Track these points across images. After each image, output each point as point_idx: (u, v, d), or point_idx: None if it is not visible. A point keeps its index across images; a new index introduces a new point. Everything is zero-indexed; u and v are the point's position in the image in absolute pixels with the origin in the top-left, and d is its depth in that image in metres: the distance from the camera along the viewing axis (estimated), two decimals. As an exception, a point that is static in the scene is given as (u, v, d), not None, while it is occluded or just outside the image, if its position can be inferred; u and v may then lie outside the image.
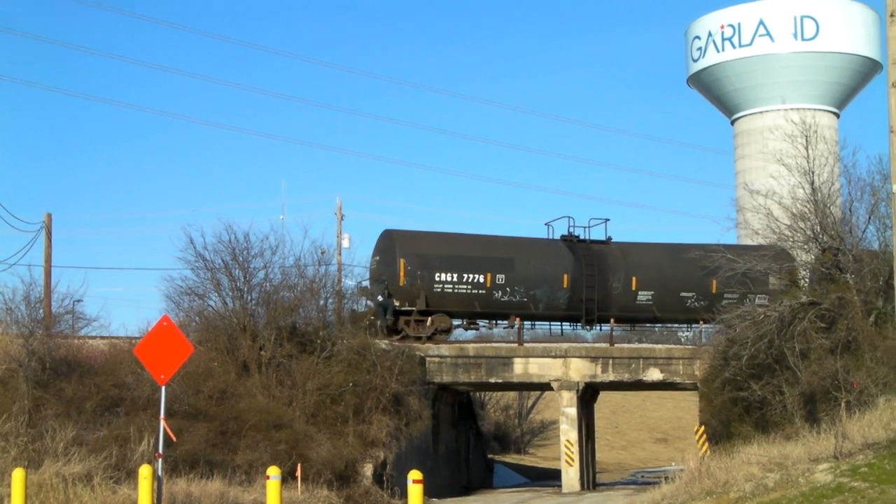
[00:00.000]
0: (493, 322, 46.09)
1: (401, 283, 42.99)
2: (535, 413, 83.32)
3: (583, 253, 45.82)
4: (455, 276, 43.55)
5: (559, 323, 47.22)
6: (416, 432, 39.96)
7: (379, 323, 42.85)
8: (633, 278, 45.92)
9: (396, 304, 42.97)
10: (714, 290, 40.81)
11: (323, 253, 41.91)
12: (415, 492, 20.86)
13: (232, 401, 33.95)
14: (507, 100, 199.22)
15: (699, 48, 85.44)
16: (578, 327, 46.98)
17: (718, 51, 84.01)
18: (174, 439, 22.58)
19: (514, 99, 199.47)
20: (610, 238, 47.11)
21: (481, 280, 43.91)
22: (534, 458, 75.22)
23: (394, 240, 44.20)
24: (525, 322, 45.71)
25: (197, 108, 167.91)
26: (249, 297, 38.46)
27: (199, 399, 32.95)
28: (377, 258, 44.75)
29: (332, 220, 56.40)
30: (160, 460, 20.89)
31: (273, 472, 22.96)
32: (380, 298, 43.04)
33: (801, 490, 20.26)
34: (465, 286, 43.67)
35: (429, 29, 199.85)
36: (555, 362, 44.09)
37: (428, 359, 42.36)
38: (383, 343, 40.11)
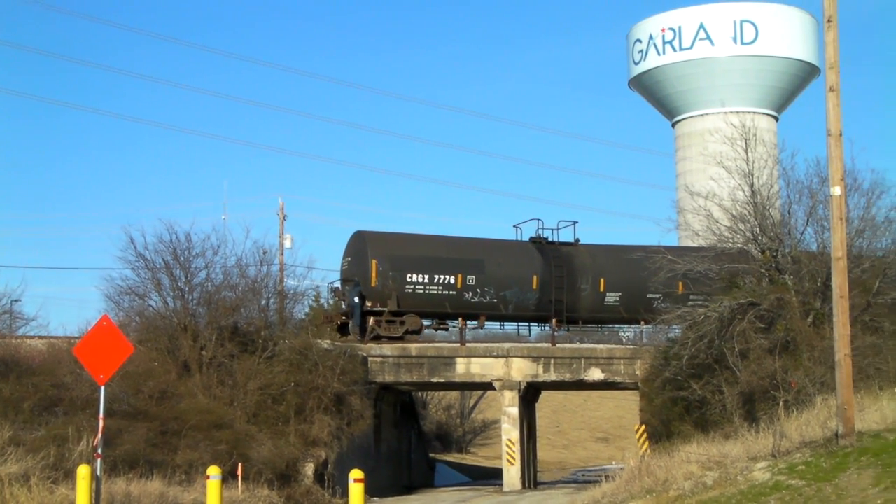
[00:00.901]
0: (464, 323, 46.53)
1: (372, 284, 43.16)
2: (476, 413, 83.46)
3: (552, 255, 46.27)
4: (426, 277, 43.82)
5: (527, 324, 47.53)
6: (357, 432, 39.93)
7: (350, 323, 42.96)
8: (601, 280, 46.33)
9: (368, 304, 43.10)
10: (680, 291, 41.12)
11: (265, 253, 41.79)
12: (356, 491, 20.84)
13: (172, 401, 33.76)
14: (454, 103, 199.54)
15: (640, 51, 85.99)
16: (547, 328, 47.23)
17: (659, 54, 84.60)
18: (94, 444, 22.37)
19: (461, 102, 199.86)
20: (578, 240, 47.52)
21: (452, 281, 44.16)
22: (475, 458, 75.33)
23: (366, 241, 44.35)
24: (495, 322, 46.15)
25: (138, 107, 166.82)
26: (190, 297, 38.25)
27: (139, 399, 32.75)
28: (349, 259, 44.83)
29: (274, 220, 56.26)
30: (99, 460, 20.73)
31: (213, 471, 22.87)
32: (355, 300, 43.10)
33: (739, 488, 20.46)
34: (436, 287, 43.94)
35: (378, 32, 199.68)
36: (497, 362, 44.21)
37: (370, 358, 42.34)
38: (325, 343, 40.04)
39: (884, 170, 65.49)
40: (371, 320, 43.36)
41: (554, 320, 46.01)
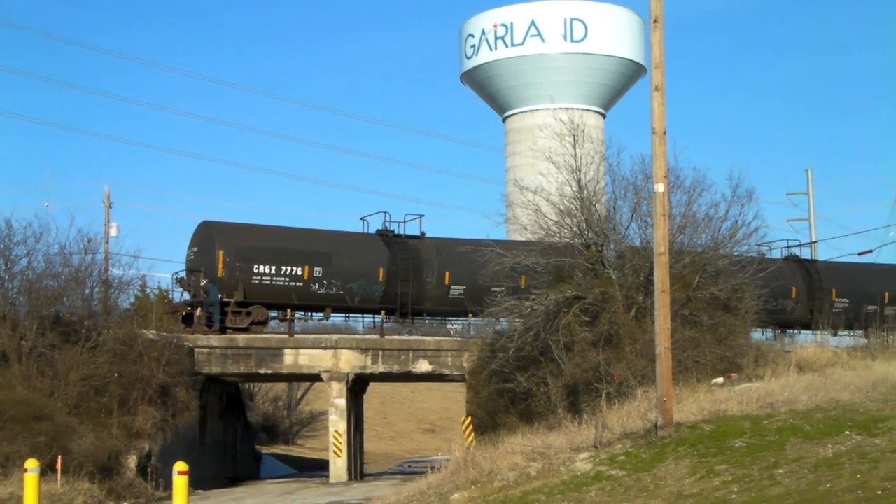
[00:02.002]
0: (309, 315, 46.25)
1: (219, 275, 42.57)
2: (304, 404, 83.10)
3: (398, 248, 46.31)
4: (273, 268, 43.47)
5: (372, 316, 47.42)
6: (183, 424, 39.41)
7: (197, 313, 42.30)
8: (446, 273, 46.52)
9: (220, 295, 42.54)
10: (523, 285, 41.49)
11: (89, 241, 40.91)
12: (180, 483, 20.58)
13: (-11, 392, 32.80)
14: (296, 96, 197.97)
15: (473, 46, 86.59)
16: (392, 320, 47.18)
17: (492, 49, 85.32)
18: None
19: (303, 95, 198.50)
20: (424, 233, 47.62)
21: (299, 273, 43.88)
22: (302, 449, 75.01)
23: (213, 231, 43.78)
24: (341, 314, 45.97)
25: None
26: (10, 286, 37.23)
27: (-46, 390, 31.75)
28: (195, 249, 44.14)
29: (100, 208, 55.17)
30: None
31: (31, 464, 22.33)
32: (207, 283, 42.42)
33: (562, 479, 20.78)
34: (283, 278, 43.61)
35: (221, 21, 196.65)
36: (325, 353, 44.11)
37: (197, 349, 41.80)
38: (151, 333, 39.40)
39: (705, 168, 67.29)
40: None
41: (383, 312, 46.09)
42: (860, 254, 64.33)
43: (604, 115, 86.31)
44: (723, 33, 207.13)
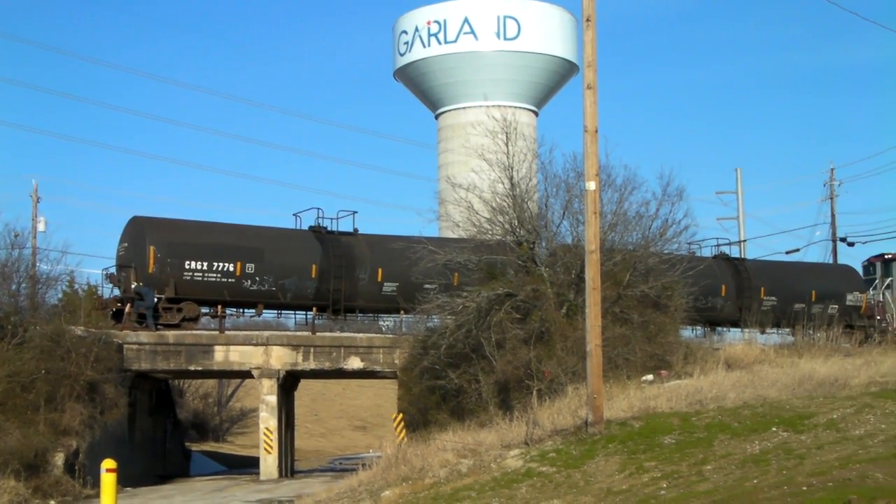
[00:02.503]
0: (241, 311, 45.90)
1: (150, 271, 42.12)
2: (235, 401, 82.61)
3: (331, 244, 46.08)
4: (205, 264, 43.08)
5: (304, 312, 47.19)
6: (111, 421, 39.02)
7: (127, 309, 41.86)
8: (379, 269, 46.40)
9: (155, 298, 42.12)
10: (456, 283, 41.50)
11: (16, 236, 40.40)
12: (108, 481, 20.40)
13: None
14: (229, 91, 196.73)
15: (406, 43, 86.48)
16: (324, 316, 46.97)
17: (425, 46, 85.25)
18: None
19: (237, 90, 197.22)
20: (357, 230, 47.45)
21: (231, 269, 43.55)
22: (233, 446, 74.54)
23: (143, 227, 43.31)
24: (273, 311, 45.69)
25: None
26: (-68, 281, 36.70)
27: None
28: (125, 245, 43.64)
29: (28, 203, 54.54)
30: None
31: (-44, 462, 21.97)
32: (140, 285, 41.97)
33: (493, 475, 20.85)
34: (214, 275, 43.25)
35: (154, 15, 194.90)
36: (256, 350, 43.89)
37: (126, 346, 41.41)
38: (79, 329, 38.98)
39: (636, 166, 67.57)
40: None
41: (315, 308, 45.94)
42: (788, 252, 65.33)
43: (536, 113, 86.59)
44: (654, 33, 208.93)
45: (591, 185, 22.80)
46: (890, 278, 59.66)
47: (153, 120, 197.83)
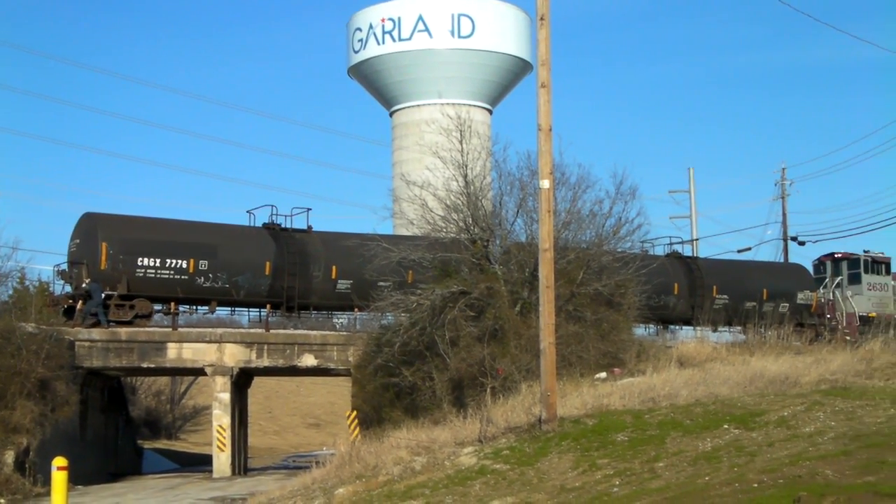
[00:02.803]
0: (194, 308, 45.63)
1: (102, 267, 41.79)
2: (188, 398, 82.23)
3: (285, 241, 45.90)
4: (158, 261, 42.77)
5: (258, 310, 46.99)
6: (62, 418, 38.73)
7: (79, 306, 41.54)
8: (334, 267, 46.26)
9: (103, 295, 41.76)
10: (410, 280, 41.47)
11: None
12: (59, 479, 20.27)
13: None
14: (182, 87, 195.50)
15: (360, 40, 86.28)
16: (277, 314, 46.75)
17: (379, 43, 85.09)
18: None
19: (189, 86, 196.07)
20: (311, 227, 47.30)
21: (184, 265, 43.25)
22: (185, 444, 74.22)
23: (95, 223, 42.98)
24: (226, 308, 45.48)
25: None
26: None
27: None
28: (77, 241, 43.28)
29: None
30: None
31: None
32: (88, 282, 41.63)
33: (446, 473, 20.89)
34: (167, 271, 42.95)
35: (102, 11, 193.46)
36: (209, 347, 43.73)
37: (78, 343, 41.12)
38: (30, 326, 38.67)
39: (590, 165, 68.00)
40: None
41: (269, 305, 45.80)
42: (739, 251, 65.85)
43: (490, 111, 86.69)
44: (608, 32, 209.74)
45: (545, 184, 22.87)
46: (840, 277, 60.25)
47: (107, 116, 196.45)
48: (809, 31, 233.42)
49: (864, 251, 61.26)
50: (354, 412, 41.00)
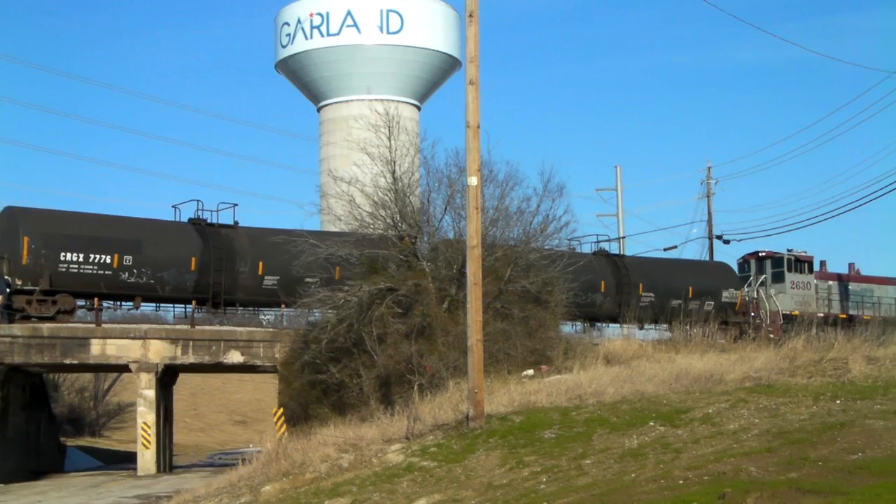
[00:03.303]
0: (118, 304, 45.06)
1: (24, 262, 41.12)
2: (112, 395, 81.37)
3: (211, 237, 45.45)
4: (81, 255, 42.16)
5: (183, 306, 46.52)
6: (-18, 416, 38.19)
7: None
8: (260, 263, 45.92)
9: (19, 283, 41.05)
10: (337, 277, 41.29)
11: None
12: (-20, 478, 19.92)
13: None
14: (106, 80, 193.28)
15: (288, 35, 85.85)
16: (203, 310, 46.32)
17: (307, 38, 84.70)
18: None
19: (113, 79, 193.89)
20: (237, 222, 46.93)
21: (108, 261, 42.67)
22: (109, 441, 73.47)
23: (17, 217, 42.29)
24: (151, 304, 44.98)
25: None
26: None
27: None
28: None
29: None
30: None
31: None
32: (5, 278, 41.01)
33: (374, 470, 20.86)
34: (91, 266, 42.34)
35: (30, 4, 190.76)
36: (134, 343, 43.31)
37: (-2, 339, 40.53)
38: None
39: (518, 162, 68.27)
40: (22, 299, 41.47)
41: (194, 302, 45.43)
42: (666, 249, 66.35)
43: (419, 108, 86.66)
44: (536, 30, 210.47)
45: (473, 181, 22.89)
46: (764, 276, 60.97)
47: (29, 108, 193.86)
48: (735, 31, 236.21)
49: (788, 250, 62.06)
50: (281, 409, 40.80)
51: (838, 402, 20.51)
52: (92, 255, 42.64)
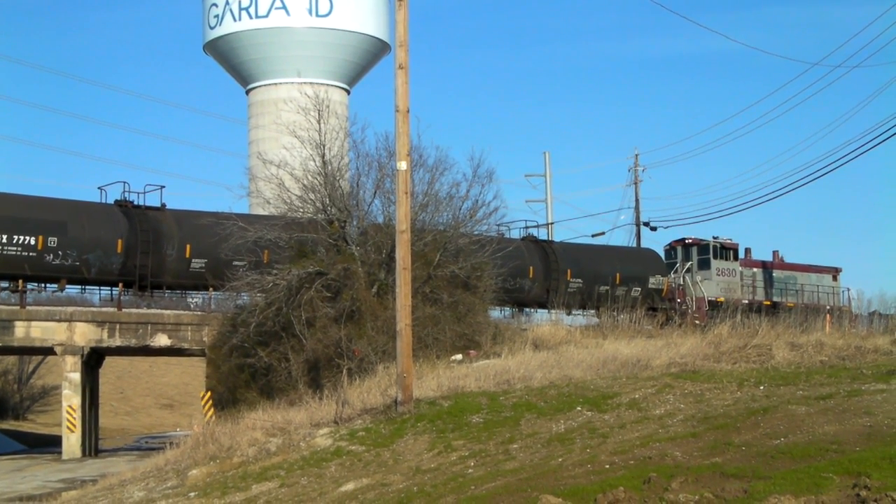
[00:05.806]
0: (43, 286, 44.43)
1: None
2: (36, 378, 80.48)
3: (138, 219, 44.93)
4: (4, 237, 41.50)
5: (109, 288, 45.98)
6: None
7: None
8: (187, 246, 45.50)
9: None
10: (266, 260, 41.06)
11: None
12: None
13: None
14: (27, 58, 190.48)
15: (216, 16, 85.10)
16: (130, 292, 45.84)
17: (235, 20, 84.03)
18: None
19: (35, 58, 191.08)
20: (164, 205, 46.42)
21: (32, 242, 42.03)
22: (33, 425, 72.72)
23: None
24: (77, 286, 44.44)
25: None
26: None
27: None
28: None
29: None
30: None
31: None
32: None
33: (302, 454, 20.87)
34: (14, 248, 41.69)
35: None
36: (59, 326, 42.88)
37: (-80, 321, 39.99)
38: None
39: (447, 147, 68.44)
40: None
41: (121, 284, 45.01)
42: (594, 235, 66.82)
43: (349, 92, 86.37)
44: (466, 15, 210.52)
45: (403, 165, 22.93)
46: (690, 262, 61.56)
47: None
48: (663, 20, 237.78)
49: (714, 237, 62.70)
50: (209, 393, 40.63)
51: (762, 387, 20.80)
52: (15, 237, 42.07)
